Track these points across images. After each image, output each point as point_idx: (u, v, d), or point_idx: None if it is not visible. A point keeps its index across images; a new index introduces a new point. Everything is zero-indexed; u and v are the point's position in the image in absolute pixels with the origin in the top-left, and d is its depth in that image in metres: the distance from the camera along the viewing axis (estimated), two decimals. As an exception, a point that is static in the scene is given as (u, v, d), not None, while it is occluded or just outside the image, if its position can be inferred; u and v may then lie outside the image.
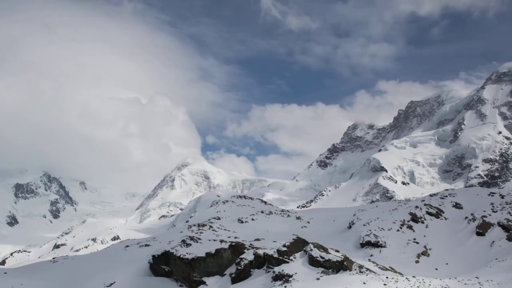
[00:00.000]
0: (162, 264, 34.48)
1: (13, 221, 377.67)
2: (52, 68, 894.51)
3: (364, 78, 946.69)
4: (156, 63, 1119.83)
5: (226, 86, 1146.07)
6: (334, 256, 28.14)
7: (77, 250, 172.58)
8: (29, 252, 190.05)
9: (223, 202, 65.14)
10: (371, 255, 35.78)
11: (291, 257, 29.55)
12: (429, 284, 24.79)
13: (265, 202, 69.05)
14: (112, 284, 32.36)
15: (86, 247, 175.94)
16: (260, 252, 31.02)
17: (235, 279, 30.62)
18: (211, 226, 45.40)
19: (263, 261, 30.47)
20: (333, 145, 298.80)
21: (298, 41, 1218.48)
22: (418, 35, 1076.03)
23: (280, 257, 29.60)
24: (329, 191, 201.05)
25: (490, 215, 40.29)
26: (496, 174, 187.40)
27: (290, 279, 26.83)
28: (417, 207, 45.36)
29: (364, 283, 24.65)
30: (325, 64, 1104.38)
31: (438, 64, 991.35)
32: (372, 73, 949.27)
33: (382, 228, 40.47)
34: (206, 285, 31.58)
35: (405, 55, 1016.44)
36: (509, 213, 40.54)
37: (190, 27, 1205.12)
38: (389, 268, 31.35)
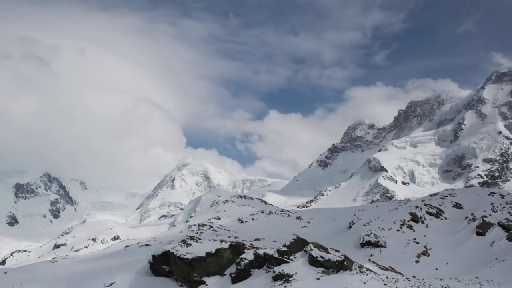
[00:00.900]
0: (162, 264, 34.46)
1: (13, 221, 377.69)
2: (51, 69, 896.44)
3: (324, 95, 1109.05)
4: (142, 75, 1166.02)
5: (200, 99, 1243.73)
6: (334, 256, 28.13)
7: (77, 250, 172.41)
8: (29, 252, 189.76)
9: (223, 202, 65.17)
10: (371, 255, 35.79)
11: (291, 257, 29.55)
12: (429, 284, 24.78)
13: (265, 202, 69.09)
14: (112, 284, 32.35)
15: (86, 247, 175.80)
16: (260, 252, 31.02)
17: (235, 279, 30.62)
18: (211, 226, 45.43)
19: (263, 261, 30.47)
20: (333, 145, 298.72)
21: (262, 63, 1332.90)
22: (365, 60, 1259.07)
23: (280, 257, 29.60)
24: (329, 191, 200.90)
25: (490, 215, 40.30)
26: (496, 174, 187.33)
27: (290, 279, 26.83)
28: (417, 207, 45.37)
29: (364, 283, 24.64)
30: (288, 83, 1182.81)
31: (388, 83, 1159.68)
32: (331, 91, 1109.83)
33: (382, 228, 40.47)
34: (206, 285, 31.57)
35: (357, 77, 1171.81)
36: (509, 213, 40.55)
37: (161, 47, 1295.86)
38: (389, 268, 31.36)
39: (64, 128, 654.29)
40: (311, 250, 28.79)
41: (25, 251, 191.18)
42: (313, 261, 28.08)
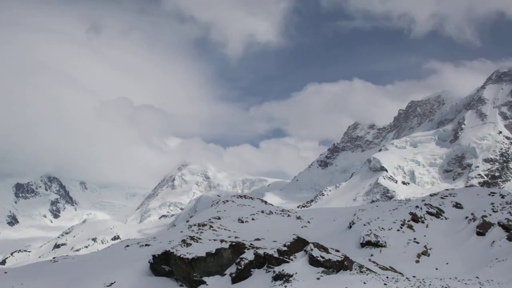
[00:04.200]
0: (162, 264, 34.47)
1: (13, 220, 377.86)
2: (52, 67, 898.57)
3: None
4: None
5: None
6: (335, 256, 28.14)
7: (77, 250, 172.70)
8: (29, 252, 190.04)
9: (223, 201, 65.03)
10: (372, 255, 35.76)
11: (291, 257, 29.56)
12: (430, 284, 24.78)
13: (265, 202, 68.95)
14: (112, 284, 32.35)
15: (86, 247, 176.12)
16: (261, 251, 31.03)
17: (235, 279, 30.64)
18: (211, 226, 45.36)
19: (263, 261, 30.48)
20: (334, 144, 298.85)
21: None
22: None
23: (281, 257, 29.61)
24: (330, 191, 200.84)
25: (490, 215, 40.26)
26: (497, 174, 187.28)
27: (291, 278, 26.84)
28: (417, 207, 45.33)
29: (364, 283, 24.64)
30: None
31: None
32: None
33: (382, 228, 40.43)
34: (207, 285, 31.58)
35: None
36: (510, 213, 40.52)
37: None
38: (390, 268, 31.36)
39: (64, 128, 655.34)
40: (311, 250, 28.79)
41: (25, 251, 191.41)
42: (313, 261, 28.08)
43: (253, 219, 53.25)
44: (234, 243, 34.19)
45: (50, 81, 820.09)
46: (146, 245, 43.03)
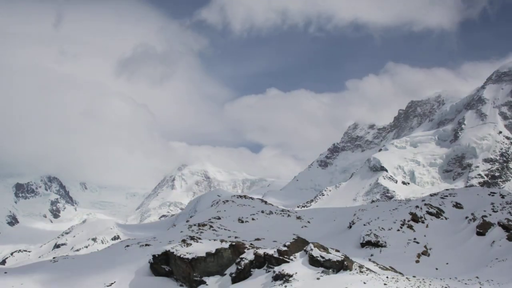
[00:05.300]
0: (162, 263, 34.48)
1: (13, 220, 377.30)
2: (52, 66, 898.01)
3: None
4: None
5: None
6: (335, 256, 28.13)
7: (77, 250, 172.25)
8: (29, 252, 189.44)
9: (223, 202, 65.08)
10: (372, 255, 35.79)
11: (291, 257, 29.55)
12: (430, 284, 24.78)
13: (265, 202, 69.01)
14: (112, 284, 32.37)
15: (87, 247, 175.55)
16: (261, 251, 31.03)
17: (235, 279, 30.63)
18: (211, 226, 45.40)
19: (263, 261, 30.48)
20: (334, 144, 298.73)
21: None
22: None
23: (281, 257, 29.61)
24: (329, 191, 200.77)
25: (490, 215, 40.28)
26: (497, 174, 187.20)
27: (291, 278, 26.82)
28: (417, 207, 45.34)
29: (364, 282, 24.64)
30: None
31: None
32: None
33: (382, 228, 40.47)
34: (207, 284, 31.59)
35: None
36: (509, 213, 40.54)
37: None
38: (390, 268, 31.36)
39: (63, 128, 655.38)
40: (311, 250, 28.78)
41: (25, 251, 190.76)
42: (313, 261, 28.08)
43: (253, 219, 53.27)
44: (234, 243, 34.19)
45: (50, 82, 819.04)
46: (146, 245, 43.04)
